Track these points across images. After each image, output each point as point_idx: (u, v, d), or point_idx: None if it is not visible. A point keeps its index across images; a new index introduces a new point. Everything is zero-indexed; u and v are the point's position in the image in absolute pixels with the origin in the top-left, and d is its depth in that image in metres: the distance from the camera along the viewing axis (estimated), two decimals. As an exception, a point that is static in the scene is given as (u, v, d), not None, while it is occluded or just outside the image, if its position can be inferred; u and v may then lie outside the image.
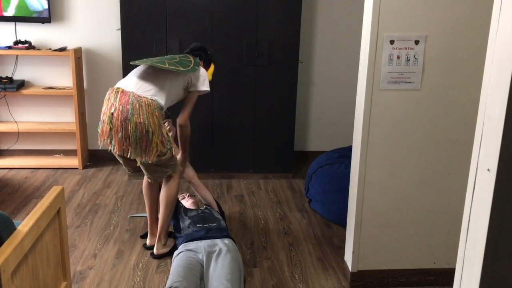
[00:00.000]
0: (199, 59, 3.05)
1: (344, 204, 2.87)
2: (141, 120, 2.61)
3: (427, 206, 2.61)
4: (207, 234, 2.77)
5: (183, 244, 2.71)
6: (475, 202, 1.35)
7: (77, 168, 4.48)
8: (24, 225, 1.83)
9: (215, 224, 2.91)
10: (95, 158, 4.69)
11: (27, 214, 2.12)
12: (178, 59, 2.91)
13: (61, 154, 4.71)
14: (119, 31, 4.07)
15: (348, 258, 2.75)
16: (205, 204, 3.30)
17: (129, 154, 2.69)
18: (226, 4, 3.98)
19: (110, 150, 2.79)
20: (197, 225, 2.88)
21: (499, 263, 1.31)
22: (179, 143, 3.08)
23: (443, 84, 2.43)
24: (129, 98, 2.65)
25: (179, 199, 3.33)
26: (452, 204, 2.58)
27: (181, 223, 3.01)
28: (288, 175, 4.40)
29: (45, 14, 4.24)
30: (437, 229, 2.65)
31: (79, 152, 4.45)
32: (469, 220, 1.38)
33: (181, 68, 2.82)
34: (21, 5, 4.21)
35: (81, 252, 3.03)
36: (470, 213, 1.38)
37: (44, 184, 4.11)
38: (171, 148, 2.79)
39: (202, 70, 2.99)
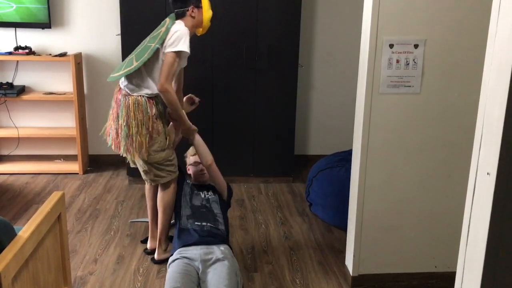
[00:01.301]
0: (189, 4, 2.78)
1: (344, 208, 2.87)
2: (128, 117, 2.73)
3: (427, 209, 2.61)
4: (203, 239, 2.69)
5: (178, 251, 2.66)
6: (475, 205, 1.35)
7: (78, 173, 4.48)
8: (25, 230, 1.83)
9: (214, 225, 2.80)
10: (95, 163, 4.69)
11: (28, 220, 2.13)
12: (146, 42, 2.79)
13: (62, 159, 4.72)
14: (119, 36, 4.08)
15: (349, 262, 2.74)
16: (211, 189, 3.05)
17: (121, 150, 2.82)
18: (226, 8, 3.99)
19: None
20: (196, 223, 2.77)
21: (499, 267, 1.30)
22: (172, 113, 2.86)
23: (443, 88, 2.43)
24: (120, 96, 2.79)
25: (190, 163, 3.04)
26: (452, 207, 2.58)
27: (182, 210, 2.86)
28: (288, 179, 4.40)
29: (46, 20, 4.25)
30: (438, 232, 2.65)
31: (79, 157, 4.46)
32: (469, 224, 1.38)
33: (148, 52, 2.69)
34: (22, 11, 4.23)
35: (81, 257, 3.02)
36: (470, 216, 1.38)
37: (45, 190, 4.11)
38: (161, 142, 2.78)
39: (176, 27, 2.72)
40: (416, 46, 2.36)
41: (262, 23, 4.02)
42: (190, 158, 3.07)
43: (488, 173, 1.27)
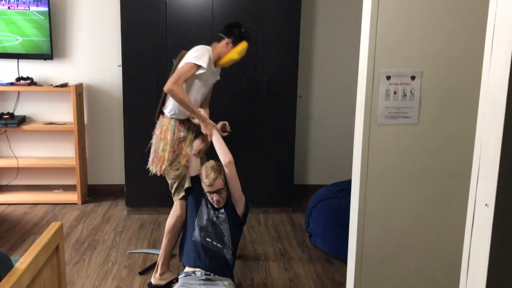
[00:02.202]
0: (229, 36, 3.03)
1: (344, 239, 2.85)
2: (160, 134, 3.03)
3: (428, 241, 2.59)
4: (208, 266, 2.73)
5: (181, 283, 2.67)
6: (474, 237, 1.35)
7: (76, 203, 4.47)
8: (22, 262, 1.82)
9: (221, 247, 2.80)
10: (94, 193, 4.68)
11: (26, 251, 2.11)
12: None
13: (61, 189, 4.71)
14: (120, 68, 4.13)
15: (349, 294, 2.70)
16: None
17: (149, 162, 3.12)
18: (226, 41, 4.05)
19: None
20: (207, 239, 2.82)
21: (500, 300, 1.29)
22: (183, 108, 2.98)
23: (440, 119, 2.45)
24: (161, 116, 3.10)
25: (205, 190, 2.94)
26: (453, 238, 2.56)
27: (197, 219, 2.87)
28: (288, 209, 4.39)
29: (48, 51, 4.32)
30: (438, 264, 2.62)
31: (78, 187, 4.45)
32: (469, 256, 1.37)
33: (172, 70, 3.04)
34: (27, 43, 4.30)
35: (78, 289, 2.99)
36: (470, 248, 1.37)
37: (43, 220, 4.09)
38: (180, 163, 3.01)
39: (202, 46, 3.00)
40: (413, 78, 2.39)
41: (261, 55, 4.08)
42: (205, 187, 2.92)
43: (486, 205, 1.28)
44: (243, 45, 3.05)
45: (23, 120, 4.46)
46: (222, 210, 2.93)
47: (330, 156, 4.83)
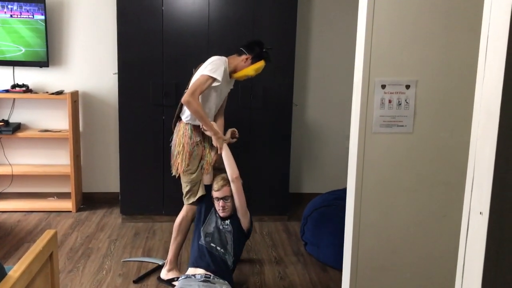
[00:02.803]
0: (250, 53, 3.14)
1: (340, 248, 2.84)
2: (177, 139, 3.15)
3: (423, 249, 2.59)
4: (211, 267, 2.85)
5: (180, 285, 2.77)
6: (469, 246, 1.35)
7: (71, 211, 4.45)
8: (16, 270, 1.80)
9: (224, 252, 2.94)
10: (89, 201, 4.66)
11: (19, 259, 2.09)
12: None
13: (55, 197, 4.68)
14: (116, 75, 4.14)
15: (345, 303, 2.70)
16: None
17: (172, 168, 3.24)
18: (222, 49, 4.06)
19: None
20: (211, 244, 2.95)
21: (495, 308, 1.29)
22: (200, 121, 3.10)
23: (435, 127, 2.46)
24: (178, 121, 3.22)
25: (213, 196, 3.10)
26: (448, 247, 2.56)
27: (204, 226, 3.03)
28: (283, 218, 4.38)
29: (44, 59, 4.31)
30: (433, 272, 2.62)
31: (73, 195, 4.43)
32: (463, 264, 1.37)
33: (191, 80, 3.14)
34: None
35: (72, 298, 2.97)
36: (464, 256, 1.37)
37: (37, 228, 4.06)
38: (194, 166, 3.13)
39: (218, 58, 3.10)
40: (407, 86, 2.40)
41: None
42: (213, 193, 3.10)
43: (481, 213, 1.28)
44: (260, 64, 3.18)
45: (18, 127, 4.45)
46: (228, 222, 3.06)
47: (325, 164, 4.84)
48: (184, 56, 4.08)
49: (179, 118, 3.21)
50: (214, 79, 3.01)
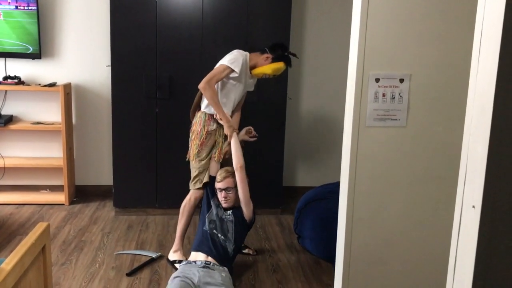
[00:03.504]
0: (271, 53, 3.28)
1: (332, 241, 2.86)
2: (192, 128, 3.34)
3: (415, 242, 2.61)
4: (212, 252, 2.99)
5: (181, 270, 2.88)
6: (461, 239, 1.36)
7: (64, 204, 4.43)
8: (7, 263, 1.80)
9: (224, 239, 3.07)
10: (82, 194, 4.65)
11: (11, 251, 2.09)
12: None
13: (48, 190, 4.66)
14: (109, 68, 4.11)
15: (337, 295, 2.71)
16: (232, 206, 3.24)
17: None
18: (216, 42, 4.05)
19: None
20: (213, 230, 3.11)
21: (486, 301, 1.31)
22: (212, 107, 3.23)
23: (428, 121, 2.47)
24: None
25: (217, 187, 3.23)
26: (440, 240, 2.58)
27: (208, 214, 3.18)
28: (277, 211, 4.39)
29: (36, 50, 4.28)
30: (426, 266, 2.64)
31: (65, 188, 4.41)
32: (455, 258, 1.38)
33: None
34: (12, 43, 4.26)
35: (65, 291, 2.96)
36: (456, 250, 1.38)
37: (30, 221, 4.05)
38: (204, 154, 3.31)
39: (238, 51, 3.26)
40: (401, 80, 2.41)
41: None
42: (216, 184, 3.25)
43: (473, 206, 1.29)
44: (279, 65, 3.30)
45: (10, 119, 4.41)
46: (230, 212, 3.20)
47: (319, 158, 4.85)
48: (178, 49, 4.06)
49: (199, 107, 3.36)
50: (232, 70, 3.16)
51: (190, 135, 3.37)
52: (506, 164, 1.25)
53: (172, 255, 3.38)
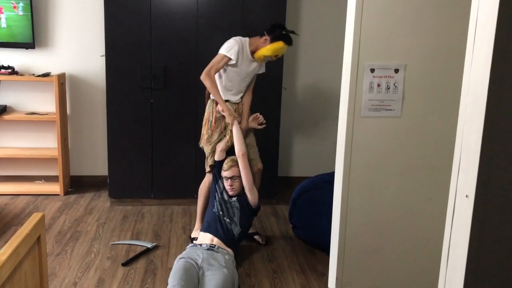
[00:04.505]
0: (269, 34, 3.31)
1: (327, 230, 2.87)
2: (205, 112, 3.49)
3: (409, 232, 2.63)
4: (217, 233, 3.15)
5: (186, 252, 3.01)
6: (454, 228, 1.37)
7: (59, 195, 4.42)
8: (2, 253, 1.80)
9: (230, 222, 3.22)
10: (77, 184, 4.64)
11: (6, 242, 2.08)
12: None
13: (43, 180, 4.65)
14: (104, 58, 4.09)
15: (332, 285, 2.73)
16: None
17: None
18: (211, 32, 4.03)
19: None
20: (221, 212, 3.26)
21: (479, 289, 1.32)
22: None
23: (423, 111, 2.48)
24: None
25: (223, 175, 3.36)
26: (433, 230, 2.60)
27: (218, 196, 3.33)
28: (272, 201, 4.40)
29: (29, 40, 4.24)
30: (420, 255, 2.66)
31: (60, 178, 4.40)
32: (449, 246, 1.40)
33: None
34: (5, 32, 4.22)
35: (61, 281, 2.97)
36: (450, 238, 1.39)
37: (24, 211, 4.04)
38: (212, 138, 3.45)
39: (234, 38, 3.32)
40: (396, 70, 2.41)
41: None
42: (223, 172, 3.37)
43: (466, 196, 1.30)
44: (278, 45, 3.30)
45: (4, 109, 4.39)
46: (235, 199, 3.32)
47: (314, 148, 4.85)
48: (172, 39, 4.04)
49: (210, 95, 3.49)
50: (229, 58, 3.24)
51: (203, 122, 3.52)
52: (499, 154, 1.26)
53: (194, 233, 3.60)
